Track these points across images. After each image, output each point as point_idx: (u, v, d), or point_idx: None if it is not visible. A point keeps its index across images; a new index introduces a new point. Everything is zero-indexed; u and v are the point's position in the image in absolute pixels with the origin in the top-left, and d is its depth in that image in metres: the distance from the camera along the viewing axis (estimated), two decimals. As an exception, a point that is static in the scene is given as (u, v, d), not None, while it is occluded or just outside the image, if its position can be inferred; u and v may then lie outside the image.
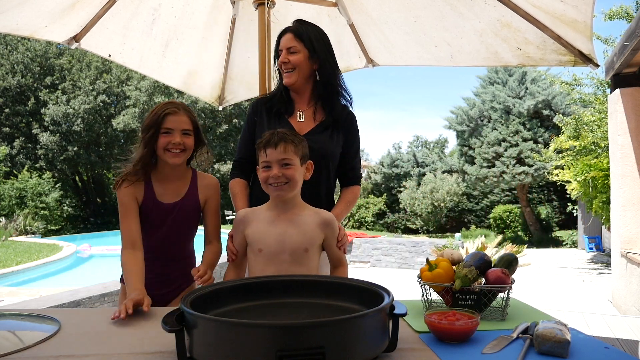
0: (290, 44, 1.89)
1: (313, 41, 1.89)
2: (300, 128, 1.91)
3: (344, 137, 1.96)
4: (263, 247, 1.57)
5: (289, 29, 1.93)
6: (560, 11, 2.34)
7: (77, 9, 2.63)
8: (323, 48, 1.91)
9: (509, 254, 1.49)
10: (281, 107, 1.95)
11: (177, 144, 1.72)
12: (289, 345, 0.88)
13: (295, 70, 1.88)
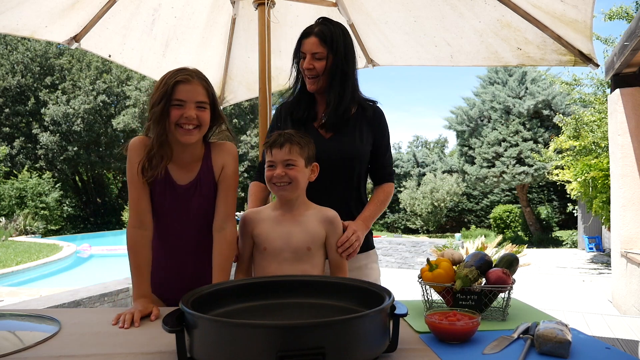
0: (315, 49, 1.80)
1: (337, 46, 1.81)
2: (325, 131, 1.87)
3: (373, 134, 1.89)
4: (267, 245, 1.59)
5: (313, 31, 1.83)
6: (560, 11, 2.34)
7: (77, 9, 2.63)
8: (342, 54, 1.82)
9: (510, 254, 1.49)
10: (304, 114, 1.89)
11: (191, 118, 1.49)
12: (289, 345, 0.88)
13: (320, 77, 1.82)
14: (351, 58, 1.86)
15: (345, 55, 1.83)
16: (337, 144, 1.83)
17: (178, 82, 1.49)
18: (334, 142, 1.84)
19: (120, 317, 1.34)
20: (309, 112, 1.89)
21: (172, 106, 1.49)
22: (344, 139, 1.85)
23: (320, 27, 1.84)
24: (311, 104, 1.91)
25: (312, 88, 1.85)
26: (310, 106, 1.91)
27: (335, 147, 1.83)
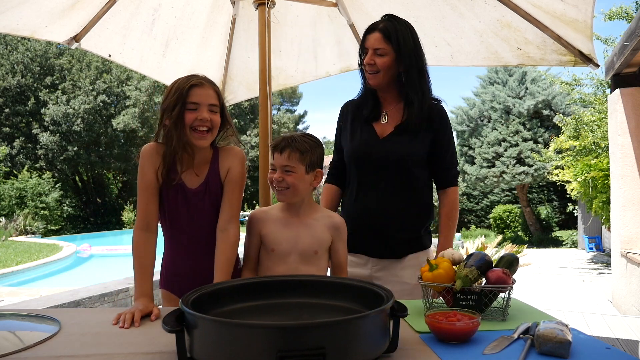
0: (377, 45, 1.79)
1: (401, 44, 1.78)
2: (383, 130, 1.86)
3: (432, 136, 1.84)
4: (275, 247, 1.61)
5: (377, 27, 1.82)
6: (561, 11, 2.34)
7: (77, 9, 2.63)
8: (411, 50, 1.80)
9: (510, 254, 1.49)
10: (366, 112, 1.89)
11: (205, 120, 1.53)
12: (290, 345, 0.88)
13: (380, 72, 1.80)
14: (421, 55, 1.83)
15: (416, 53, 1.81)
16: (390, 144, 1.82)
17: (193, 85, 1.53)
18: (388, 142, 1.83)
19: (121, 316, 1.34)
20: (372, 110, 1.88)
21: (187, 110, 1.53)
22: (397, 139, 1.83)
23: (385, 23, 1.83)
24: (376, 101, 1.89)
25: (372, 83, 1.83)
26: (374, 104, 1.89)
27: (388, 148, 1.82)
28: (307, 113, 32.03)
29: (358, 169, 1.89)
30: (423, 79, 1.83)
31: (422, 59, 1.84)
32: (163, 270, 1.74)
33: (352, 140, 1.91)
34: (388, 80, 1.82)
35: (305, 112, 30.75)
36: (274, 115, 28.04)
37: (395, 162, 1.82)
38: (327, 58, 3.37)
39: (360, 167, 1.89)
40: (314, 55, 3.35)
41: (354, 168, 1.90)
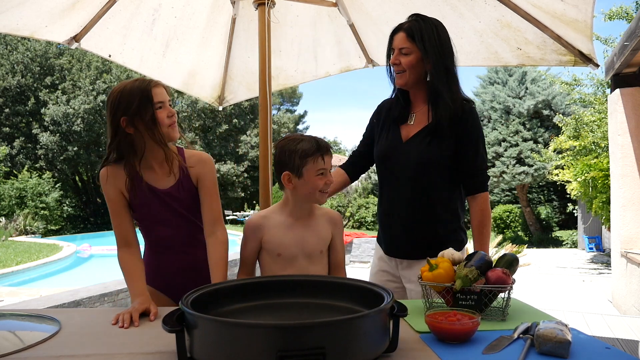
0: (402, 44, 1.77)
1: (426, 42, 1.74)
2: (408, 133, 1.85)
3: (456, 139, 1.77)
4: (282, 251, 1.61)
5: (402, 27, 1.80)
6: (561, 11, 2.34)
7: (77, 9, 2.63)
8: (437, 48, 1.76)
9: (510, 254, 1.49)
10: (396, 113, 1.88)
11: (173, 114, 1.61)
12: (290, 345, 0.88)
13: (406, 72, 1.78)
14: (447, 53, 1.78)
15: (442, 52, 1.76)
16: (410, 148, 1.81)
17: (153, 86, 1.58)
18: (408, 146, 1.82)
19: (119, 316, 1.34)
20: (402, 111, 1.88)
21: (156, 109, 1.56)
22: (418, 142, 1.80)
23: (410, 22, 1.81)
24: (406, 102, 1.89)
25: (399, 83, 1.82)
26: (404, 105, 1.88)
27: (407, 151, 1.82)
28: (307, 113, 32.05)
29: (382, 171, 1.92)
30: (451, 78, 1.78)
31: (450, 57, 1.79)
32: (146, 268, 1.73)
33: (379, 141, 1.93)
34: (415, 79, 1.80)
35: (305, 112, 30.75)
36: (273, 115, 28.04)
37: (414, 165, 1.79)
38: (327, 58, 3.37)
39: (384, 169, 1.91)
40: (313, 55, 3.35)
41: (379, 170, 1.94)
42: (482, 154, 1.82)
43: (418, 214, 1.83)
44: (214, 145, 24.01)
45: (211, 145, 23.97)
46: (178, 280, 1.70)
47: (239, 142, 24.18)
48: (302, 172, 1.55)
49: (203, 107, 21.54)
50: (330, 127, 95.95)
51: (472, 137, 1.79)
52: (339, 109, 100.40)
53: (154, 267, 1.73)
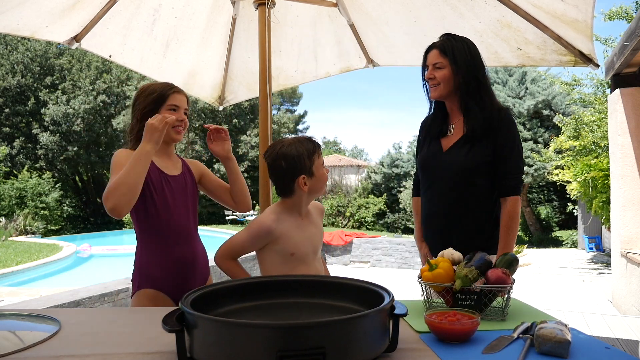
0: (435, 59, 1.95)
1: (457, 56, 1.92)
2: (448, 143, 1.99)
3: (492, 145, 1.90)
4: (296, 250, 1.62)
5: (435, 45, 1.98)
6: (561, 11, 2.34)
7: (78, 9, 2.63)
8: (468, 62, 1.93)
9: (510, 254, 1.49)
10: (436, 127, 2.04)
11: (183, 120, 1.83)
12: (290, 345, 0.88)
13: (440, 84, 1.95)
14: (478, 66, 1.95)
15: (472, 65, 1.93)
16: (450, 156, 1.96)
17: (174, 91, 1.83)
18: (448, 155, 1.97)
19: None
20: (441, 126, 2.03)
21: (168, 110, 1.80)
22: (457, 151, 1.94)
23: (442, 40, 1.99)
24: (444, 116, 2.05)
25: (434, 95, 1.99)
26: (442, 119, 2.04)
27: (448, 159, 1.96)
28: (307, 113, 31.97)
29: (424, 179, 2.09)
30: (483, 88, 1.93)
31: (481, 69, 1.96)
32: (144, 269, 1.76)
33: (421, 152, 2.11)
34: (449, 91, 1.95)
35: (305, 112, 30.71)
36: (274, 115, 28.01)
37: (455, 173, 1.93)
38: (327, 58, 3.37)
39: (426, 177, 2.07)
40: (314, 55, 3.35)
41: (422, 178, 2.11)
42: (516, 160, 1.93)
43: (458, 217, 1.95)
44: (214, 145, 24.00)
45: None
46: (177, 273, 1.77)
47: (239, 142, 24.17)
48: (313, 171, 1.61)
49: (203, 107, 21.52)
50: (330, 127, 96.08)
51: (507, 143, 1.91)
52: (339, 109, 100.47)
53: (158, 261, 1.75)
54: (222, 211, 21.85)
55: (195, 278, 1.82)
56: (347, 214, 20.06)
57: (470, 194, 1.93)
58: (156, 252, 1.75)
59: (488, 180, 1.93)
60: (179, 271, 1.77)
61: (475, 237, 1.94)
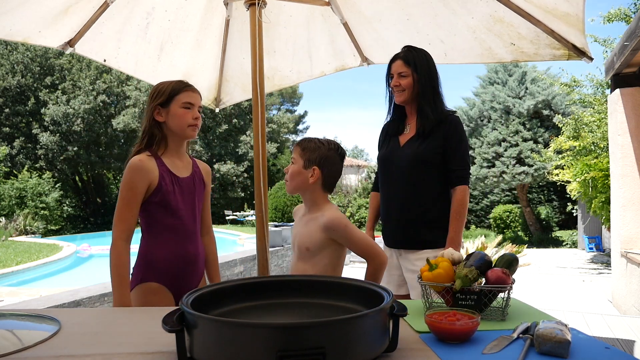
0: (400, 69, 2.22)
1: (418, 67, 2.20)
2: (404, 139, 2.26)
3: (443, 140, 2.16)
4: (292, 241, 1.86)
5: (399, 56, 2.26)
6: (552, 5, 2.35)
7: (70, 14, 2.61)
8: (426, 72, 2.21)
9: (510, 254, 1.49)
10: (394, 128, 2.32)
11: (198, 118, 1.85)
12: (289, 345, 0.88)
13: (405, 90, 2.21)
14: (434, 76, 2.25)
15: (430, 74, 2.22)
16: (405, 148, 2.22)
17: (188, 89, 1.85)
18: (404, 147, 2.23)
19: None
20: (398, 125, 2.31)
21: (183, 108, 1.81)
22: (412, 144, 2.21)
23: (405, 52, 2.27)
24: (401, 117, 2.33)
25: (399, 99, 2.25)
26: (400, 119, 2.32)
27: (404, 151, 2.22)
28: (307, 113, 32.00)
29: (383, 173, 2.32)
30: (436, 95, 2.23)
31: (436, 79, 2.25)
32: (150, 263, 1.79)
33: (381, 150, 2.37)
34: (411, 96, 2.23)
35: (305, 112, 30.74)
36: (274, 115, 28.04)
37: (409, 162, 2.18)
38: (321, 57, 3.36)
39: (384, 170, 2.31)
40: (308, 54, 3.35)
41: (380, 172, 2.34)
42: (463, 153, 2.19)
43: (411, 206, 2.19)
44: (214, 145, 24.01)
45: (211, 145, 23.97)
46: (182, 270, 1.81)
47: (239, 142, 24.17)
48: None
49: (203, 107, 21.52)
50: (330, 127, 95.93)
51: (454, 139, 2.18)
52: (339, 109, 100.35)
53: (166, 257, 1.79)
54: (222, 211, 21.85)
55: (196, 277, 1.87)
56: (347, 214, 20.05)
57: (423, 184, 2.18)
58: (163, 248, 1.79)
59: (438, 174, 2.18)
60: (182, 268, 1.81)
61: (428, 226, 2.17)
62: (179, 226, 1.80)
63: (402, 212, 2.21)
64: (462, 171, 2.17)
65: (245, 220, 20.85)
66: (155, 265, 1.77)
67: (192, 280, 1.84)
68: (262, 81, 2.47)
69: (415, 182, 2.18)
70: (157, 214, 1.77)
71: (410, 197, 2.19)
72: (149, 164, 1.75)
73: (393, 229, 2.27)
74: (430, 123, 2.17)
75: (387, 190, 2.29)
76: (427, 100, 2.19)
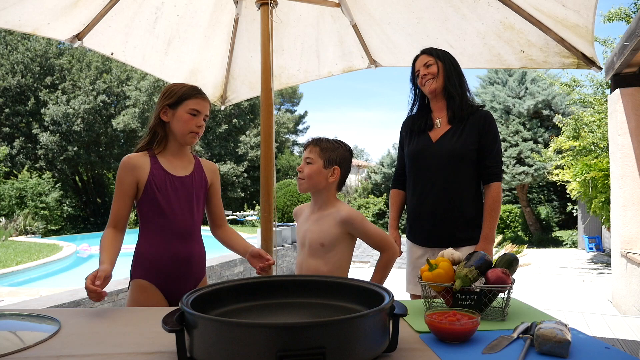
0: (425, 60, 2.24)
1: (441, 55, 2.24)
2: (436, 135, 2.22)
3: (478, 137, 2.16)
4: (297, 238, 1.90)
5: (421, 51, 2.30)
6: (562, 15, 2.34)
7: (80, 7, 2.63)
8: (450, 60, 2.24)
9: (510, 254, 1.49)
10: (421, 123, 2.27)
11: (201, 127, 1.84)
12: (289, 345, 0.88)
13: (434, 78, 2.20)
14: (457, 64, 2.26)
15: (453, 61, 2.25)
16: (441, 144, 2.18)
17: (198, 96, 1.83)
18: (439, 143, 2.19)
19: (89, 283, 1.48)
20: (426, 121, 2.27)
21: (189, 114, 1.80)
22: (447, 139, 2.18)
23: (425, 48, 2.30)
24: (428, 113, 2.30)
25: (431, 88, 2.22)
26: (427, 115, 2.28)
27: (438, 146, 2.18)
28: (307, 113, 31.99)
29: (413, 170, 2.27)
30: (462, 80, 2.24)
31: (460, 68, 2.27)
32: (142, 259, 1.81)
33: (410, 145, 2.30)
34: (440, 85, 2.21)
35: (305, 113, 30.72)
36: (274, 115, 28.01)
37: (444, 158, 2.15)
38: (329, 58, 3.37)
39: (415, 166, 2.26)
40: (316, 54, 3.35)
41: (411, 168, 2.28)
42: (498, 151, 2.19)
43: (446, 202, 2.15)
44: (214, 145, 24.00)
45: (211, 145, 23.96)
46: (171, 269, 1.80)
47: (239, 142, 24.15)
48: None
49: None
50: (331, 127, 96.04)
51: (489, 135, 2.17)
52: (339, 109, 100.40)
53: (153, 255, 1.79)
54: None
55: (187, 277, 1.84)
56: (347, 214, 20.04)
57: (459, 180, 2.15)
58: (153, 246, 1.80)
59: (473, 170, 2.17)
60: (171, 268, 1.79)
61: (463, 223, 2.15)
62: (168, 225, 1.79)
63: (437, 209, 2.17)
64: (497, 167, 2.18)
65: (245, 221, 20.85)
66: (143, 263, 1.80)
67: (186, 280, 1.82)
68: (271, 80, 2.49)
69: (452, 178, 2.15)
70: (147, 212, 1.80)
71: (445, 194, 2.15)
72: (138, 161, 1.79)
73: (425, 226, 2.21)
74: (459, 109, 2.17)
75: (419, 186, 2.24)
76: (454, 86, 2.19)
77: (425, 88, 2.24)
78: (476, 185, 2.20)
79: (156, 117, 1.83)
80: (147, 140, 1.85)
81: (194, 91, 1.82)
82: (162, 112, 1.81)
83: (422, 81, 2.23)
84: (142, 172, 1.77)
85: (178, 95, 1.80)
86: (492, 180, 2.17)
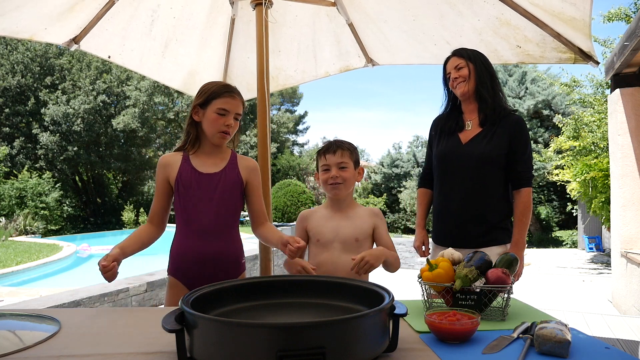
0: (456, 63, 2.21)
1: (472, 57, 2.20)
2: (466, 137, 2.20)
3: (508, 141, 2.14)
4: (320, 237, 1.86)
5: (452, 53, 2.27)
6: (559, 9, 2.35)
7: (76, 11, 2.63)
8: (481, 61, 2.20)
9: (510, 254, 1.49)
10: (452, 124, 2.25)
11: (230, 126, 1.79)
12: (289, 345, 0.88)
13: (466, 81, 2.18)
14: (490, 66, 2.23)
15: (485, 62, 2.21)
16: (470, 147, 2.16)
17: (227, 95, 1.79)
18: (468, 145, 2.17)
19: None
20: (457, 122, 2.25)
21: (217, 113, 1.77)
22: (477, 142, 2.16)
23: (456, 50, 2.27)
24: (459, 114, 2.27)
25: (462, 90, 2.19)
26: (458, 117, 2.26)
27: (468, 149, 2.16)
28: (307, 113, 31.96)
29: (441, 171, 2.26)
30: (494, 82, 2.20)
31: (492, 68, 2.23)
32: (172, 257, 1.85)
33: (439, 146, 2.29)
34: (472, 88, 2.19)
35: (305, 113, 30.72)
36: (274, 115, 28.00)
37: (473, 161, 2.14)
38: (326, 58, 3.37)
39: (443, 167, 2.25)
40: (313, 55, 3.35)
41: (439, 169, 2.27)
42: (529, 156, 2.20)
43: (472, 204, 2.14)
44: (214, 145, 23.95)
45: (211, 145, 23.92)
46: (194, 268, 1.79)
47: (239, 142, 24.12)
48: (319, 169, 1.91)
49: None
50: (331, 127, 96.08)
51: (520, 141, 2.15)
52: (339, 109, 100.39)
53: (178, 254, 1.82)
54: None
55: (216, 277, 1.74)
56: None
57: (487, 184, 2.14)
58: (177, 243, 1.83)
59: (502, 174, 2.15)
60: (194, 266, 1.78)
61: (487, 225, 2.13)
62: (195, 222, 1.78)
63: (462, 210, 2.16)
64: (528, 173, 2.18)
65: (245, 220, 20.85)
66: (172, 260, 1.84)
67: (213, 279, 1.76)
68: (268, 81, 2.49)
69: (479, 181, 2.14)
70: (176, 210, 1.82)
71: (472, 196, 2.15)
72: (170, 160, 1.83)
73: (449, 226, 2.21)
74: (491, 111, 2.15)
75: (446, 187, 2.23)
76: (486, 88, 2.17)
77: (456, 91, 2.22)
78: (502, 190, 2.17)
79: (189, 117, 1.83)
80: (183, 141, 1.86)
81: (222, 90, 1.78)
82: (194, 112, 1.81)
83: (454, 84, 2.21)
84: (171, 170, 1.80)
85: (207, 95, 1.78)
86: (523, 186, 2.16)
